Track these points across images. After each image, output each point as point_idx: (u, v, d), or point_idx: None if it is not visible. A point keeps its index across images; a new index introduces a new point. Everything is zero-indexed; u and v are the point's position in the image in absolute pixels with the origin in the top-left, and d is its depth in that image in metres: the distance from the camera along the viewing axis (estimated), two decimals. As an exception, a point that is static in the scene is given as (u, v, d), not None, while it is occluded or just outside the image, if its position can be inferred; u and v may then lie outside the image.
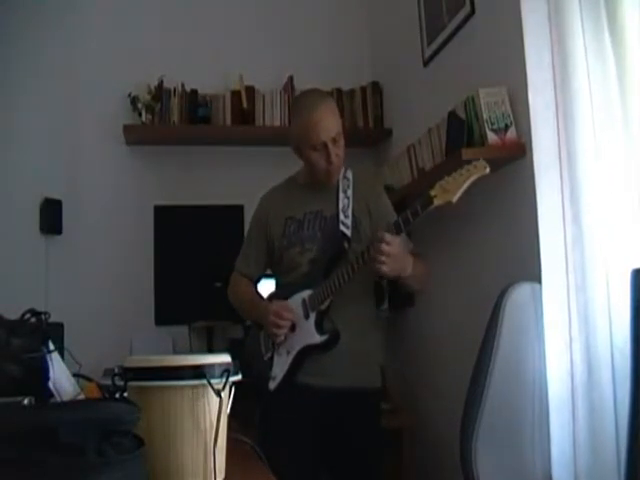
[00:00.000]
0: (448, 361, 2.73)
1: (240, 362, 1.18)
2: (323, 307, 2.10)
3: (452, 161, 2.28)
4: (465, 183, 1.85)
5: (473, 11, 2.47)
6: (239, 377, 1.13)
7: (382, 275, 2.04)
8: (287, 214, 2.24)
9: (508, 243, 2.25)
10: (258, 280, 2.38)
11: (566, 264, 1.86)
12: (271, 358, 2.19)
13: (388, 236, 1.92)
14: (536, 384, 1.86)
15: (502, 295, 1.91)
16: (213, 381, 1.06)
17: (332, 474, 2.21)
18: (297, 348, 2.12)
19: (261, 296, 2.31)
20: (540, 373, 1.86)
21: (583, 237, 1.83)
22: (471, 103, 2.24)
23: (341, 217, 2.16)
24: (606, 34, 1.82)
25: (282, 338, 2.14)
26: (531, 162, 2.00)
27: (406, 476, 2.98)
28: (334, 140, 2.10)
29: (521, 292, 1.90)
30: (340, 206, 2.18)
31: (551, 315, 1.85)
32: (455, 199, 1.85)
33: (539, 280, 1.89)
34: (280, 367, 2.15)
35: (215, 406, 1.07)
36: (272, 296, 2.28)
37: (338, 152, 2.13)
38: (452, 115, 2.36)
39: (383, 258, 1.92)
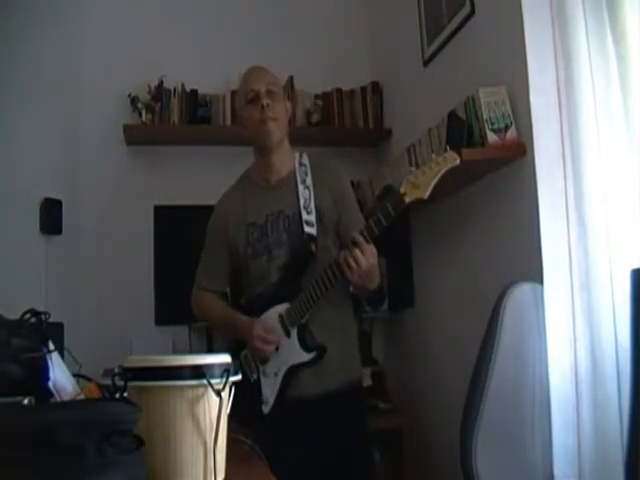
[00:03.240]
0: (448, 361, 2.73)
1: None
2: (303, 321, 2.04)
3: (452, 161, 2.28)
4: (435, 177, 1.79)
5: (473, 11, 2.47)
6: (239, 377, 1.13)
7: (348, 280, 1.94)
8: (248, 220, 2.14)
9: (508, 243, 2.24)
10: (224, 294, 2.26)
11: (570, 263, 1.86)
12: (257, 379, 2.10)
13: (360, 239, 1.85)
14: (536, 384, 1.86)
15: (502, 295, 1.91)
16: (213, 381, 1.06)
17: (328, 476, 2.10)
18: (284, 369, 2.05)
19: (233, 310, 2.19)
20: (540, 373, 1.86)
21: (587, 236, 1.83)
22: (471, 103, 2.24)
23: (304, 216, 2.06)
24: (608, 34, 1.82)
25: (269, 357, 2.06)
26: (532, 162, 2.00)
27: (406, 476, 2.98)
28: (269, 92, 2.08)
29: (521, 292, 1.90)
30: (301, 202, 2.08)
31: (554, 314, 1.85)
32: (426, 195, 1.79)
33: (539, 280, 1.89)
34: (270, 389, 2.07)
35: (215, 406, 1.07)
36: (244, 310, 2.15)
37: (272, 105, 2.06)
38: (452, 115, 2.36)
39: (352, 263, 1.84)
